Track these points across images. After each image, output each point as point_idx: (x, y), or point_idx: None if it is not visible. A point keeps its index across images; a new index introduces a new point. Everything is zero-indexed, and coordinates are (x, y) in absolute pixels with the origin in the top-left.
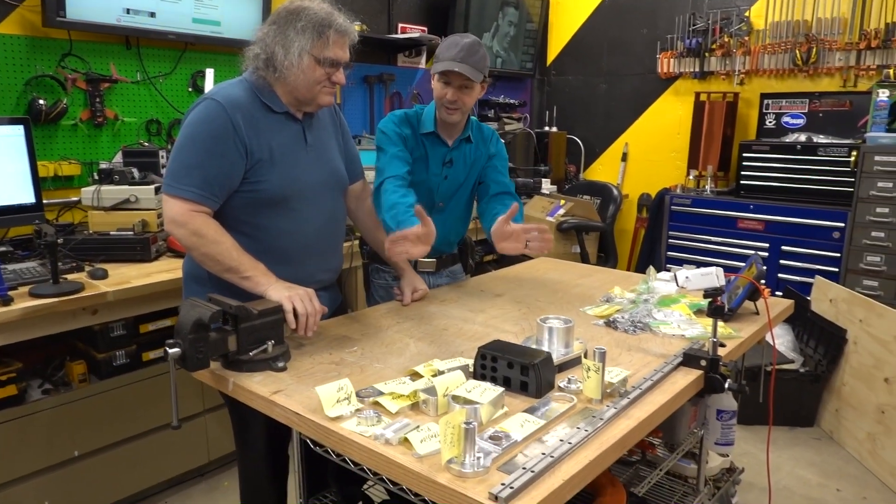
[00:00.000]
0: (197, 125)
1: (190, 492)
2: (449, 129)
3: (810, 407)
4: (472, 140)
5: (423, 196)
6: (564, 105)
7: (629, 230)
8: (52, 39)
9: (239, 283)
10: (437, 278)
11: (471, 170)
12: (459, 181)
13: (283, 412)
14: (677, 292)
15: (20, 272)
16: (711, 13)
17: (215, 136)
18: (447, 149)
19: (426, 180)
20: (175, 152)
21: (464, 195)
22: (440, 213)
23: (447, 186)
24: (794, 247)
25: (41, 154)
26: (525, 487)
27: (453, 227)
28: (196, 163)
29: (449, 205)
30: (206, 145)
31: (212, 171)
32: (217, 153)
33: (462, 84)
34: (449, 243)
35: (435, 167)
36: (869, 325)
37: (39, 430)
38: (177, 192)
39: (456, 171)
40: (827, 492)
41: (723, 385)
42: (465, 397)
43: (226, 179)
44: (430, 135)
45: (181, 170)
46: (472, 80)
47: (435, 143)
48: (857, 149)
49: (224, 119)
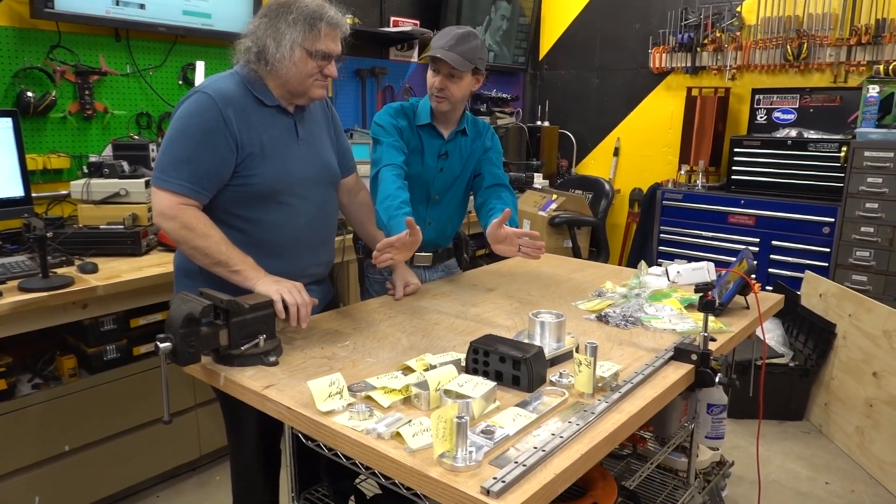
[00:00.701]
0: (188, 118)
1: (181, 486)
2: (444, 121)
3: (800, 401)
4: (468, 134)
5: (419, 188)
6: (557, 99)
7: (621, 225)
8: (40, 31)
9: (228, 276)
10: (433, 273)
11: (466, 163)
12: (455, 174)
13: (274, 406)
14: (668, 287)
15: (9, 266)
16: (703, 8)
17: (206, 129)
18: (442, 141)
19: (422, 173)
20: (165, 145)
21: (459, 189)
22: (436, 206)
23: (443, 179)
24: (785, 241)
25: (30, 147)
26: (517, 481)
27: (449, 221)
28: (186, 156)
29: (444, 198)
30: (196, 139)
31: (202, 165)
32: (208, 147)
33: (449, 73)
34: (445, 237)
35: (430, 159)
36: (858, 319)
37: (29, 425)
38: (166, 185)
39: (451, 163)
40: (816, 485)
41: (713, 379)
42: (457, 391)
43: (216, 173)
44: (425, 127)
45: (171, 163)
46: (458, 68)
47: (431, 134)
48: (848, 144)
49: (215, 112)
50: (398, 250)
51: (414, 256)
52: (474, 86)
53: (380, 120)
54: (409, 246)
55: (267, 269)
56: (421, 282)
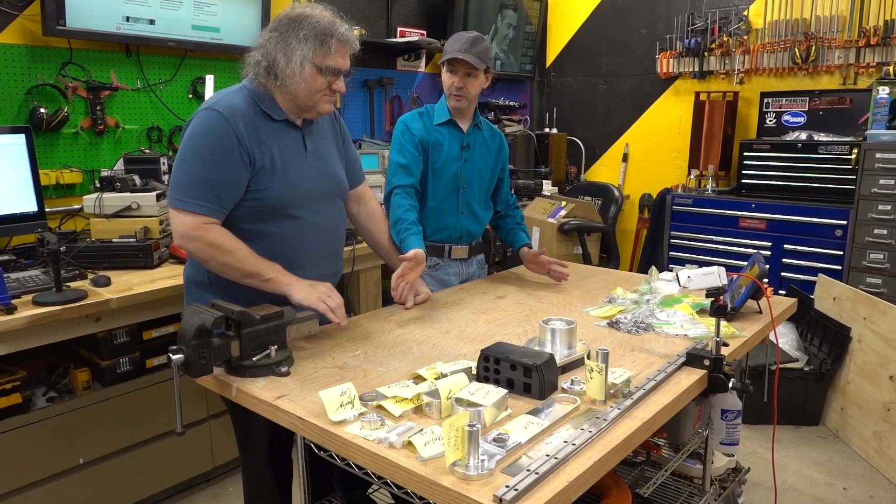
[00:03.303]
0: (201, 137)
1: (195, 498)
2: (461, 118)
3: (815, 406)
4: (482, 127)
5: (448, 179)
6: (564, 106)
7: (631, 230)
8: (52, 48)
9: (260, 286)
10: (468, 266)
11: (486, 158)
12: (479, 166)
13: (286, 417)
14: (680, 292)
15: (23, 280)
16: (710, 13)
17: (220, 147)
18: (463, 134)
19: (448, 163)
20: (180, 165)
21: (485, 178)
22: (465, 194)
23: (469, 169)
24: (797, 245)
25: (43, 162)
26: (530, 489)
27: (480, 207)
28: (203, 176)
29: (472, 186)
30: (211, 157)
31: (219, 184)
32: (223, 164)
33: (466, 72)
34: (479, 221)
35: (454, 151)
36: (873, 322)
37: (44, 438)
38: (186, 206)
39: (474, 155)
40: (834, 491)
41: (727, 384)
42: (469, 400)
43: (233, 190)
44: (445, 123)
45: (189, 183)
46: (476, 67)
47: (451, 129)
48: (858, 146)
49: (227, 129)
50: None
51: (451, 249)
52: (485, 84)
53: (396, 133)
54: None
55: None
56: (457, 274)
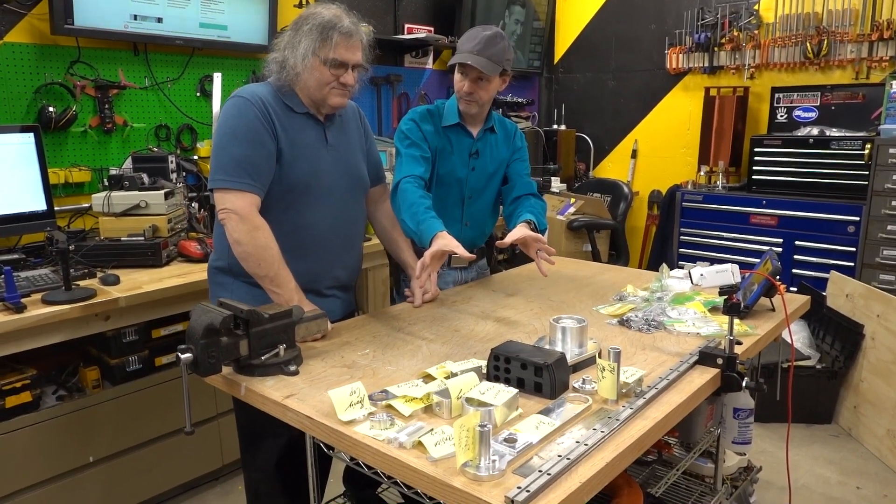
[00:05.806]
0: (233, 119)
1: (205, 496)
2: (472, 121)
3: (828, 404)
4: (496, 131)
5: (453, 189)
6: (573, 103)
7: (640, 227)
8: (60, 47)
9: (266, 289)
10: (467, 273)
11: (500, 163)
12: (488, 172)
13: (295, 416)
14: (691, 290)
15: (33, 279)
16: (720, 7)
17: (252, 127)
18: (472, 140)
19: (453, 172)
20: (218, 149)
21: (493, 187)
22: (471, 206)
23: (476, 178)
24: (809, 242)
25: (52, 161)
26: (541, 490)
27: (485, 220)
28: (243, 154)
29: (479, 198)
30: (247, 136)
31: (259, 161)
32: (258, 143)
33: (477, 76)
34: (483, 235)
35: (461, 159)
36: (886, 319)
37: (54, 437)
38: (234, 185)
39: (483, 162)
40: (847, 490)
41: (740, 383)
42: (479, 399)
43: (268, 167)
44: (453, 127)
45: (231, 163)
46: (487, 72)
47: (459, 134)
48: (871, 141)
49: (255, 111)
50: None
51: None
52: (501, 87)
53: (404, 127)
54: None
55: (292, 270)
56: (455, 283)
